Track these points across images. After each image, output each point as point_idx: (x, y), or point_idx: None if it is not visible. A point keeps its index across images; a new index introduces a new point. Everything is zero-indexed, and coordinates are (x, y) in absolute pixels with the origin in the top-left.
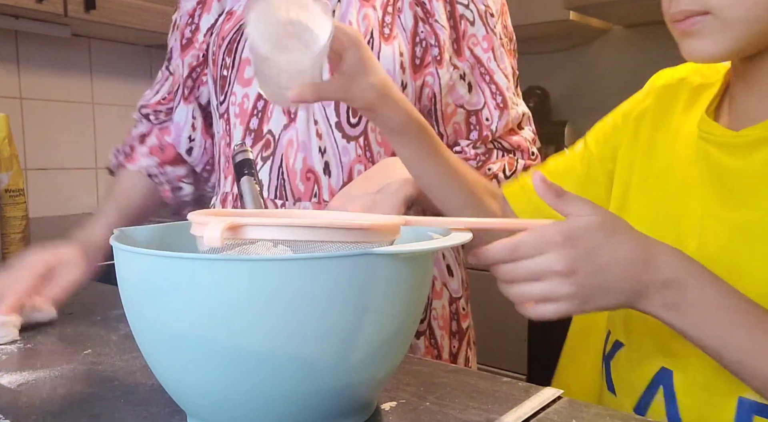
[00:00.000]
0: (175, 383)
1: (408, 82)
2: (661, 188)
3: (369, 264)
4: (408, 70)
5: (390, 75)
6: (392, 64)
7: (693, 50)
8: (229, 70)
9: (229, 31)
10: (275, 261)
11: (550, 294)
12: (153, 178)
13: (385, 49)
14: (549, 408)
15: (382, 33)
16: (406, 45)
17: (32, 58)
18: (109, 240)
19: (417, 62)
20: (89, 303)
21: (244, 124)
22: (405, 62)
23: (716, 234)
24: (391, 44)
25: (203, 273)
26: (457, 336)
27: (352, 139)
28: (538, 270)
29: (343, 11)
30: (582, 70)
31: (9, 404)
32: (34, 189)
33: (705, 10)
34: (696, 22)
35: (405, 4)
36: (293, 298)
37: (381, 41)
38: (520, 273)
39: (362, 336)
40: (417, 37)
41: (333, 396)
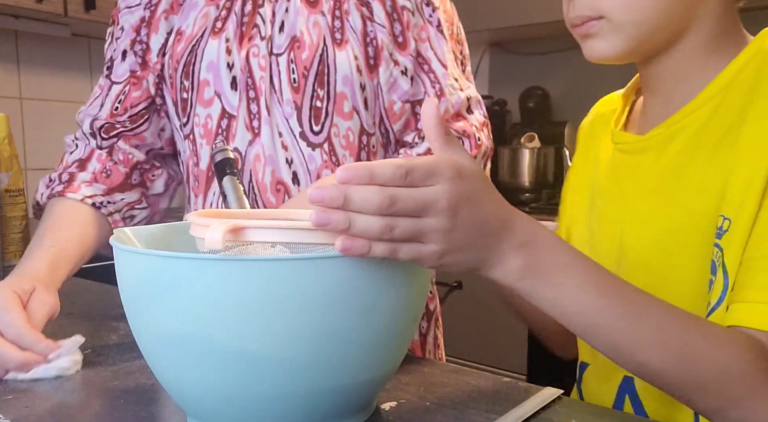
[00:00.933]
0: (175, 383)
1: (366, 83)
2: (592, 210)
3: (369, 264)
4: (364, 71)
5: (348, 80)
6: (349, 69)
7: (591, 51)
8: (189, 93)
9: (182, 52)
10: (275, 262)
11: (426, 233)
12: (101, 208)
13: (340, 55)
14: (549, 408)
15: (335, 39)
16: (359, 47)
17: (32, 58)
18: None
19: (371, 62)
20: (89, 303)
21: (210, 143)
22: (360, 65)
23: (645, 234)
24: (345, 49)
25: (203, 273)
26: (425, 317)
27: (316, 146)
28: (427, 201)
29: (292, 21)
30: (582, 70)
31: (9, 404)
32: (34, 189)
33: (599, 15)
34: (592, 25)
35: (351, 6)
36: (293, 298)
37: (334, 47)
38: (409, 202)
39: (362, 337)
40: (367, 37)
41: (333, 396)
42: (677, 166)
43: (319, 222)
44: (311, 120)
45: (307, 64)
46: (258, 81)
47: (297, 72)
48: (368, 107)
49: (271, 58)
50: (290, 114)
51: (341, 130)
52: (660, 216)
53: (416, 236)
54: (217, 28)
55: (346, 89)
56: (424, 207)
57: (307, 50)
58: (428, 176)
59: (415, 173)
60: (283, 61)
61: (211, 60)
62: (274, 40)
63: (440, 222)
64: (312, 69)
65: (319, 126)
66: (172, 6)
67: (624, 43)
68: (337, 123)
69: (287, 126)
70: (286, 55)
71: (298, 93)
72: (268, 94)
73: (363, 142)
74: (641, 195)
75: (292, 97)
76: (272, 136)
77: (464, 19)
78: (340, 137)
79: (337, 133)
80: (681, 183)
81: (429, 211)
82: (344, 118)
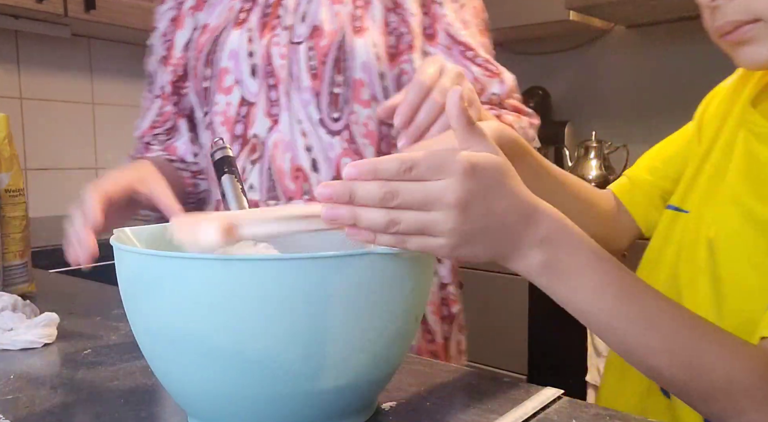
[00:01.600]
0: (175, 383)
1: (386, 72)
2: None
3: (370, 264)
4: (384, 60)
5: (367, 67)
6: (367, 56)
7: (748, 58)
8: (210, 81)
9: (204, 43)
10: (276, 261)
11: (433, 226)
12: (175, 163)
13: (358, 42)
14: (549, 408)
15: (354, 27)
16: (379, 36)
17: (32, 58)
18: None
19: (392, 51)
20: (89, 303)
21: (230, 131)
22: (380, 52)
23: (734, 221)
24: (364, 36)
25: (204, 273)
26: (447, 321)
27: (335, 133)
28: (431, 197)
29: (314, 11)
30: (582, 70)
31: (9, 404)
32: (34, 189)
33: (755, 18)
34: (747, 30)
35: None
36: (294, 298)
37: (353, 35)
38: (410, 197)
39: (363, 336)
40: (388, 27)
41: (333, 396)
42: None
43: (329, 218)
44: (330, 106)
45: (326, 50)
46: (278, 69)
47: (316, 59)
48: (388, 96)
49: (292, 46)
50: (309, 101)
51: (360, 117)
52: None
53: (423, 229)
54: (240, 19)
55: (364, 76)
56: (430, 201)
57: (326, 38)
58: (435, 170)
59: (420, 167)
60: (303, 49)
61: (232, 49)
62: (295, 29)
63: (447, 217)
64: (330, 55)
65: (337, 113)
66: (198, 3)
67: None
68: (357, 110)
69: (306, 113)
70: (306, 44)
71: (317, 79)
72: (287, 82)
73: (383, 131)
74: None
75: (311, 84)
76: (291, 123)
77: None
78: (359, 125)
79: (356, 121)
80: None
81: (435, 206)
82: (363, 106)
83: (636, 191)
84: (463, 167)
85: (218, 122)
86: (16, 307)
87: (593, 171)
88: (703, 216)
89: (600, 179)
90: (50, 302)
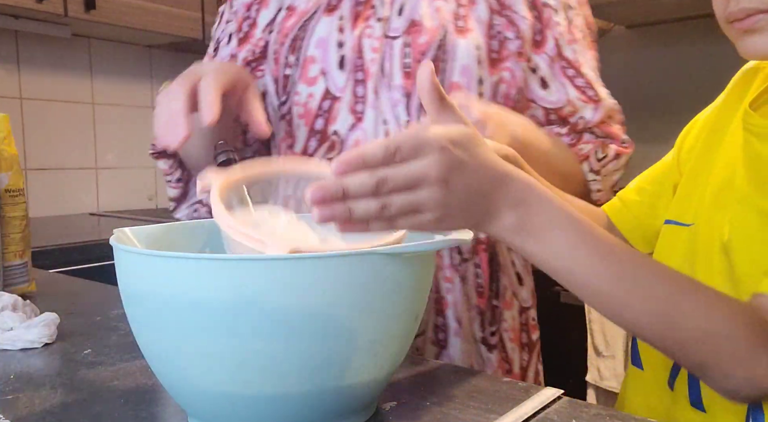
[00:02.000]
0: (175, 383)
1: (485, 78)
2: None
3: (371, 263)
4: (485, 65)
5: (467, 70)
6: (469, 59)
7: (754, 48)
8: (293, 69)
9: (291, 28)
10: (276, 261)
11: (420, 204)
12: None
13: (461, 43)
14: (549, 408)
15: (457, 26)
16: (482, 38)
17: (32, 58)
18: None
19: (494, 56)
20: (89, 303)
21: (308, 124)
22: (482, 56)
23: (747, 220)
24: (467, 37)
25: (204, 272)
26: (527, 349)
27: None
28: (417, 175)
29: (413, 4)
30: None
31: (9, 404)
32: (34, 189)
33: (765, 8)
34: (758, 19)
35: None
36: (294, 298)
37: (456, 35)
38: (399, 180)
39: (364, 336)
40: (492, 30)
41: (333, 396)
42: None
43: (323, 219)
44: (420, 109)
45: (424, 48)
46: (368, 63)
47: (412, 56)
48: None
49: (386, 40)
50: (399, 101)
51: None
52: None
53: (412, 209)
54: (331, 5)
55: (462, 80)
56: (416, 180)
57: (426, 35)
58: (416, 149)
59: (403, 148)
60: (398, 44)
61: (321, 36)
62: (391, 22)
63: (433, 193)
64: (428, 54)
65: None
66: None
67: None
68: None
69: (394, 113)
70: (402, 39)
71: (410, 79)
72: (377, 78)
73: None
74: (758, 179)
75: (403, 83)
76: (376, 123)
77: None
78: None
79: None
80: None
81: (422, 183)
82: None
83: (626, 211)
84: (440, 144)
85: (297, 114)
86: (16, 307)
87: None
88: (715, 222)
89: None
90: (50, 302)
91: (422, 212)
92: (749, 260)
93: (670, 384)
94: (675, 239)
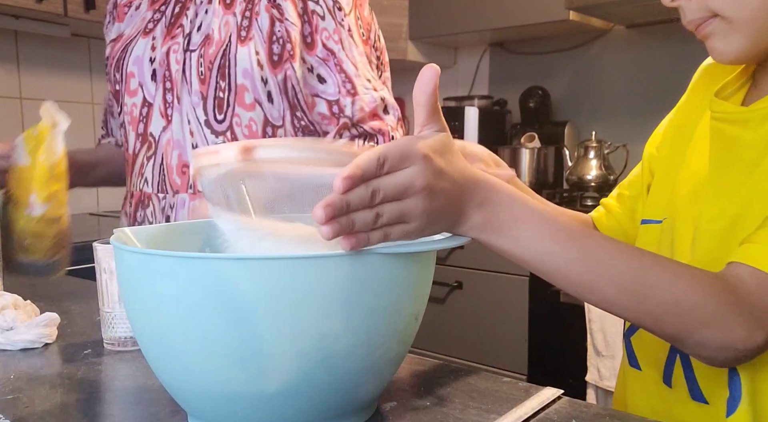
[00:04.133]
0: (175, 383)
1: (268, 77)
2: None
3: (370, 263)
4: (266, 66)
5: (249, 73)
6: (249, 63)
7: (711, 51)
8: (120, 85)
9: (117, 50)
10: (276, 261)
11: (408, 212)
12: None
13: (241, 50)
14: (549, 408)
15: (240, 36)
16: (262, 44)
17: (32, 58)
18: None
19: (275, 58)
20: (89, 303)
21: (134, 129)
22: (262, 60)
23: (726, 205)
24: (247, 45)
25: (204, 272)
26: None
27: (219, 133)
28: (403, 186)
29: (209, 21)
30: (582, 70)
31: (9, 404)
32: None
33: (712, 13)
34: (707, 24)
35: (261, 8)
36: (294, 298)
37: (238, 43)
38: (389, 189)
39: (363, 336)
40: (274, 36)
41: (334, 396)
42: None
43: (333, 234)
44: (215, 109)
45: (212, 58)
46: (174, 73)
47: (204, 65)
48: (273, 100)
49: (186, 53)
50: (197, 103)
51: (243, 120)
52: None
53: (401, 218)
54: (148, 29)
55: (246, 82)
56: (403, 190)
57: (214, 46)
58: (402, 159)
59: (390, 159)
60: (194, 56)
61: (137, 55)
62: (191, 37)
63: (419, 202)
64: (216, 62)
65: (222, 115)
66: (119, 14)
67: (741, 41)
68: (239, 113)
69: (194, 114)
70: (198, 51)
71: (204, 84)
72: (180, 85)
73: (268, 133)
74: (731, 163)
75: (199, 88)
76: (181, 123)
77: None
78: (242, 127)
79: (239, 123)
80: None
81: (408, 193)
82: (246, 109)
83: (609, 217)
84: (423, 153)
85: (127, 121)
86: (16, 307)
87: (593, 171)
88: (688, 216)
89: (600, 179)
90: (50, 302)
91: (408, 222)
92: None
93: (666, 381)
94: (650, 237)
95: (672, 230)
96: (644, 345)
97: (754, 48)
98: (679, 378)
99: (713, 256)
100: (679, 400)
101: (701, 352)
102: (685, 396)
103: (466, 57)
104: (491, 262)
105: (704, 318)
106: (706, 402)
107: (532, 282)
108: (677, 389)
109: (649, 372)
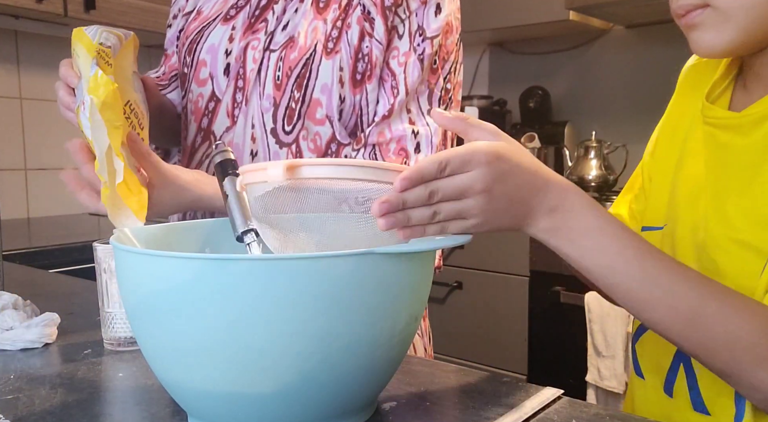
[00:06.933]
0: (175, 383)
1: (347, 96)
2: (671, 172)
3: (371, 263)
4: (347, 85)
5: (327, 88)
6: (330, 78)
7: (697, 43)
8: (189, 69)
9: (193, 30)
10: (276, 261)
11: (466, 211)
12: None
13: (325, 63)
14: (549, 408)
15: (326, 47)
16: (348, 60)
17: (32, 58)
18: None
19: (358, 77)
20: (89, 303)
21: (197, 121)
22: (344, 77)
23: (727, 210)
24: (332, 58)
25: (203, 273)
26: None
27: (285, 145)
28: (463, 188)
29: (297, 22)
30: (582, 70)
31: (9, 404)
32: (34, 189)
33: (704, 3)
34: (696, 14)
35: (354, 20)
36: (294, 298)
37: (323, 55)
38: (447, 191)
39: (364, 336)
40: (360, 52)
41: (334, 396)
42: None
43: (388, 226)
44: (285, 119)
45: (292, 64)
46: (248, 72)
47: (282, 70)
48: (342, 118)
49: (265, 52)
50: (267, 109)
51: (310, 133)
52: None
53: (459, 215)
54: (229, 15)
55: (323, 97)
56: (462, 191)
57: (297, 52)
58: (464, 164)
59: (452, 164)
60: (274, 56)
61: (212, 43)
62: (274, 36)
63: (477, 202)
64: (296, 70)
65: (290, 126)
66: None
67: (733, 33)
68: (308, 127)
69: (261, 119)
70: (278, 53)
71: (279, 90)
72: (252, 86)
73: (332, 149)
74: (724, 170)
75: (273, 93)
76: (245, 126)
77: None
78: (308, 141)
79: (306, 137)
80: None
81: (468, 193)
82: (315, 123)
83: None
84: (487, 158)
85: (190, 110)
86: (16, 307)
87: (593, 171)
88: (688, 222)
89: (600, 179)
90: (50, 302)
91: (467, 218)
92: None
93: (667, 391)
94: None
95: (673, 236)
96: (647, 352)
97: (746, 40)
98: (682, 388)
99: (717, 263)
100: (680, 410)
101: (753, 395)
102: (686, 406)
103: (465, 57)
104: (491, 262)
105: (759, 359)
106: (708, 413)
107: (532, 282)
108: (678, 399)
109: (651, 381)
